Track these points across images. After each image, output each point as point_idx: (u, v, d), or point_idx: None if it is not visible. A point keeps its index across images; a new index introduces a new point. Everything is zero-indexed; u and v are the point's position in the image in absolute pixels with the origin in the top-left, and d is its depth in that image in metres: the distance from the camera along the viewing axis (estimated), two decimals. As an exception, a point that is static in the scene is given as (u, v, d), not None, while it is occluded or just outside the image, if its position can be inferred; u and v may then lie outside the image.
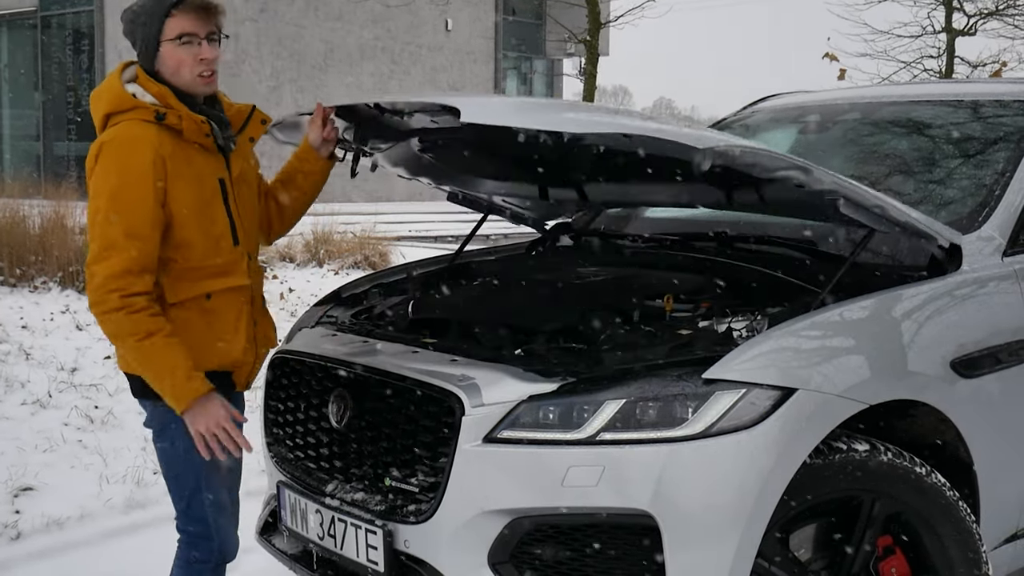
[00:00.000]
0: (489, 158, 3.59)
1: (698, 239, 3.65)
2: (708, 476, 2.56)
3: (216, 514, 2.91)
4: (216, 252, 2.76)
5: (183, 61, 2.68)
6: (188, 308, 2.74)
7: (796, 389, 2.63)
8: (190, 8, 2.67)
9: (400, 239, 14.54)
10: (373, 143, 3.40)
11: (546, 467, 2.61)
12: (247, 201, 2.91)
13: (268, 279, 11.28)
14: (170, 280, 2.72)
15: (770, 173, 2.73)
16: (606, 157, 3.02)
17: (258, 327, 2.94)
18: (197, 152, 2.73)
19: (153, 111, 2.65)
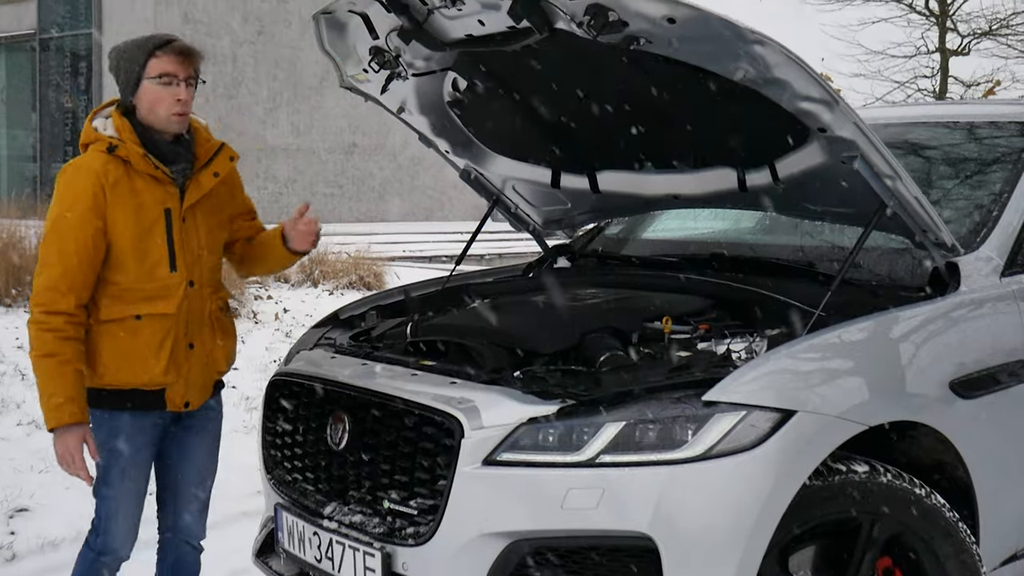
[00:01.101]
0: (514, 117, 3.62)
1: (696, 261, 3.65)
2: (708, 498, 2.55)
3: (110, 518, 3.04)
4: (150, 278, 2.92)
5: (161, 99, 2.88)
6: (119, 326, 2.91)
7: (796, 411, 2.63)
8: (173, 51, 2.88)
9: (395, 259, 14.49)
10: (411, 57, 3.37)
11: (545, 489, 2.61)
12: (201, 231, 3.03)
13: (263, 299, 11.26)
14: (106, 298, 2.91)
15: (797, 103, 2.75)
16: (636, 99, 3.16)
17: (195, 352, 3.02)
18: (146, 182, 2.92)
19: (107, 143, 2.88)
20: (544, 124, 3.71)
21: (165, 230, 2.93)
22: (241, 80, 22.23)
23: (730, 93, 2.93)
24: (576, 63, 3.19)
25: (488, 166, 3.98)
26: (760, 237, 3.96)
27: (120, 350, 2.91)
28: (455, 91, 3.63)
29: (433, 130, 3.83)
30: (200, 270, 3.01)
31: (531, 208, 4.18)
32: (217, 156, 3.05)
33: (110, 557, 3.10)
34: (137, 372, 2.93)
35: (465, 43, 3.18)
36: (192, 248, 2.99)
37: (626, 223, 4.46)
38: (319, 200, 23.59)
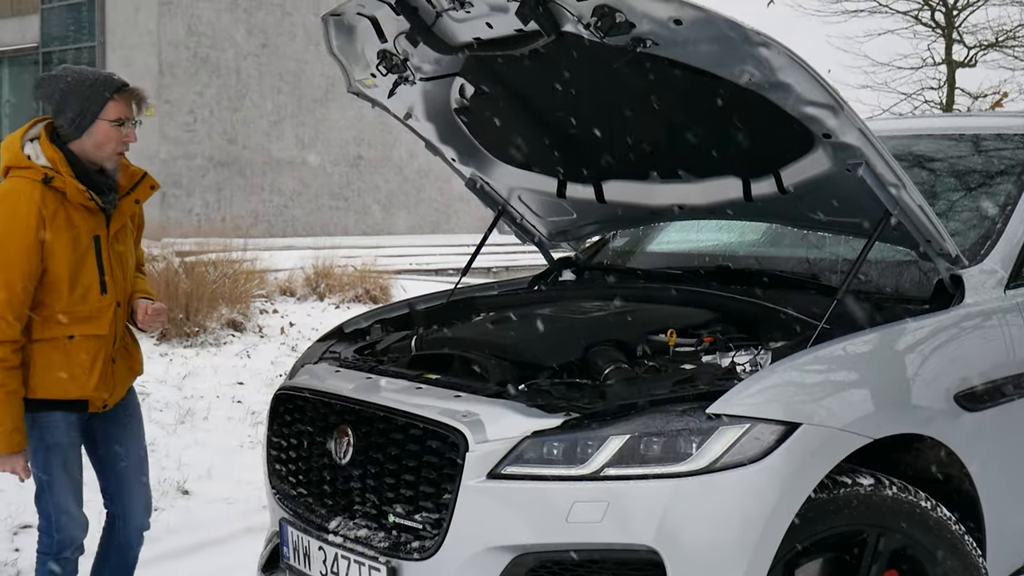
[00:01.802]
0: (521, 124, 3.64)
1: (701, 273, 3.65)
2: (713, 511, 2.55)
3: (60, 513, 3.20)
4: (83, 301, 3.10)
5: (111, 139, 3.08)
6: (51, 344, 3.08)
7: (800, 424, 2.62)
8: (132, 97, 3.11)
9: (401, 272, 14.49)
10: (419, 61, 3.40)
11: (550, 503, 2.61)
12: (123, 255, 3.24)
13: (268, 313, 11.28)
14: (40, 319, 3.06)
15: (802, 107, 2.76)
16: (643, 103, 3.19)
17: (117, 365, 3.26)
18: (78, 212, 3.07)
19: (42, 173, 3.01)
20: (550, 132, 3.72)
21: (95, 257, 3.11)
22: (245, 93, 22.31)
23: (736, 99, 2.94)
24: (583, 70, 3.21)
25: (494, 175, 4.00)
26: (765, 249, 3.96)
27: (53, 368, 3.09)
28: (462, 98, 3.65)
29: (440, 137, 3.85)
30: (123, 291, 3.25)
31: (537, 219, 4.19)
32: (139, 184, 3.26)
33: (71, 549, 3.26)
34: (69, 388, 3.12)
35: (473, 47, 3.20)
36: (119, 272, 3.21)
37: (631, 235, 4.47)
38: (325, 213, 23.67)
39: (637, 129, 3.46)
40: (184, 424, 6.49)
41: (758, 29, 2.60)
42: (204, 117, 21.84)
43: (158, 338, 9.44)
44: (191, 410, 6.77)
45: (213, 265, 10.62)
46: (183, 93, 21.50)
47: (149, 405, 6.83)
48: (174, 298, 9.65)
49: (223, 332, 9.86)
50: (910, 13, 17.00)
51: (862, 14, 16.99)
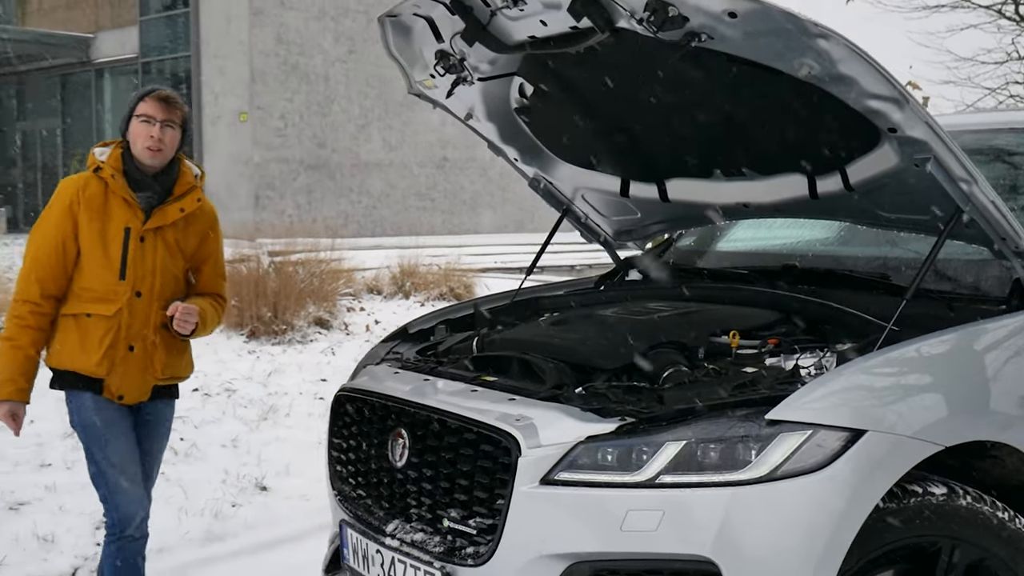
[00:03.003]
0: (581, 123, 3.60)
1: (768, 273, 3.55)
2: (773, 522, 2.46)
3: (112, 492, 3.35)
4: (102, 281, 3.35)
5: (139, 134, 3.39)
6: (74, 320, 3.37)
7: (866, 430, 2.51)
8: (155, 99, 3.42)
9: (485, 270, 14.53)
10: (476, 60, 3.39)
11: (604, 510, 2.54)
12: (159, 253, 3.43)
13: (355, 311, 11.41)
14: (71, 295, 3.38)
15: (865, 101, 2.67)
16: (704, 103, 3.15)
17: (134, 355, 3.38)
18: (117, 201, 3.40)
19: (95, 165, 3.41)
20: (611, 131, 3.67)
21: (122, 244, 3.36)
22: (334, 98, 22.63)
23: (797, 93, 2.86)
24: (641, 66, 3.15)
25: (557, 175, 3.95)
26: (835, 248, 3.83)
27: (69, 340, 3.37)
28: (522, 97, 3.61)
29: (501, 137, 3.82)
30: (151, 285, 3.41)
31: (601, 218, 4.12)
32: (187, 195, 3.49)
33: (132, 526, 3.36)
34: (77, 360, 3.36)
35: (529, 45, 3.17)
36: (147, 265, 3.40)
37: (698, 234, 4.37)
38: (412, 213, 23.89)
39: (698, 126, 3.38)
40: (267, 420, 6.58)
41: (816, 20, 2.50)
42: (294, 122, 22.23)
43: (248, 336, 9.62)
44: (274, 407, 6.87)
45: (301, 264, 10.77)
46: (274, 100, 21.91)
47: (235, 402, 6.97)
48: (263, 297, 9.83)
49: (310, 330, 10.01)
50: (993, 7, 16.39)
51: (943, 9, 16.43)
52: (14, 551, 4.22)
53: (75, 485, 5.01)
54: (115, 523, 3.37)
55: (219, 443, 6.00)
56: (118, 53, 24.89)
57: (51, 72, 26.80)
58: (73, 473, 5.25)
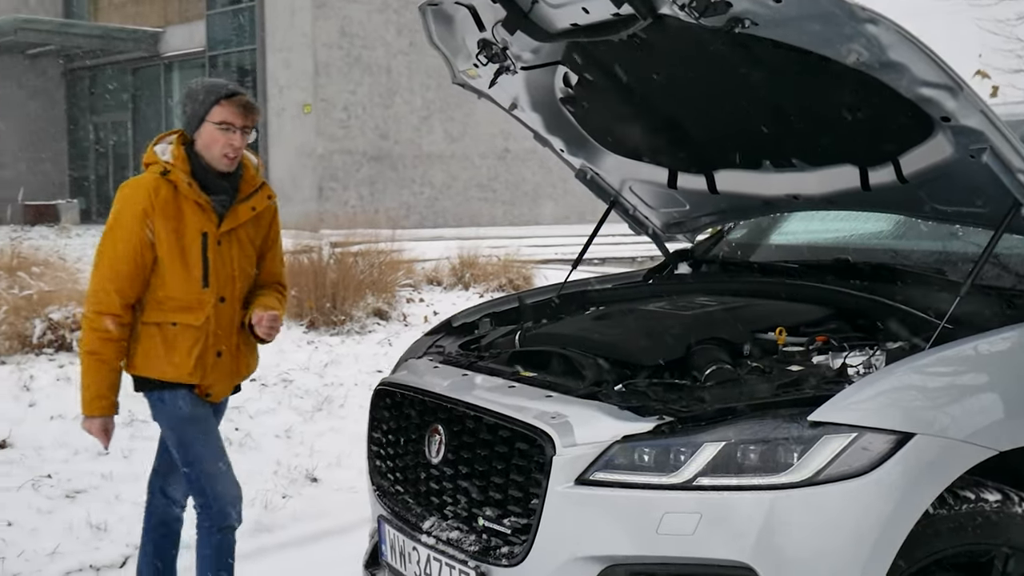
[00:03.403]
0: (627, 113, 3.54)
1: (819, 267, 3.45)
2: (815, 528, 2.37)
3: (213, 481, 3.34)
4: (186, 290, 3.26)
5: (216, 141, 3.24)
6: (157, 329, 3.28)
7: (914, 434, 2.41)
8: (236, 104, 3.25)
9: (546, 262, 14.48)
10: (518, 49, 3.35)
11: (640, 512, 2.48)
12: (235, 256, 3.36)
13: (414, 302, 11.44)
14: (151, 303, 3.27)
15: (916, 89, 2.58)
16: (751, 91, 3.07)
17: (223, 360, 3.36)
18: (190, 206, 3.26)
19: (162, 167, 3.25)
20: (657, 121, 3.60)
21: (201, 250, 3.27)
22: (396, 90, 22.73)
23: (847, 81, 2.76)
24: (686, 54, 3.08)
25: (604, 165, 3.89)
26: (888, 241, 3.71)
27: (154, 349, 3.28)
28: (566, 86, 3.56)
29: (547, 127, 3.77)
30: (232, 289, 3.36)
31: (649, 210, 4.05)
32: (256, 193, 3.40)
33: (232, 516, 3.36)
34: (166, 370, 3.29)
35: (571, 33, 3.12)
36: (227, 269, 3.33)
37: (750, 227, 4.27)
38: (473, 204, 23.91)
39: (746, 116, 3.28)
40: (321, 411, 6.61)
41: (863, 5, 2.40)
42: (357, 114, 22.37)
43: (307, 326, 9.69)
44: (329, 397, 6.88)
45: (361, 256, 10.82)
46: (337, 92, 22.07)
47: (291, 392, 7.01)
48: (322, 288, 9.89)
49: (368, 321, 10.05)
50: (1065, -8, 15.85)
51: (1013, -4, 15.91)
52: (67, 539, 4.27)
53: (131, 475, 5.07)
54: (216, 513, 3.34)
55: (273, 433, 6.03)
56: (186, 47, 25.29)
57: (121, 66, 27.34)
58: (130, 462, 5.31)
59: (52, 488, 4.82)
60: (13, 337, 7.90)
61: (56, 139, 28.77)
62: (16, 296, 8.01)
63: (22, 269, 8.45)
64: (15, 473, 4.99)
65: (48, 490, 4.79)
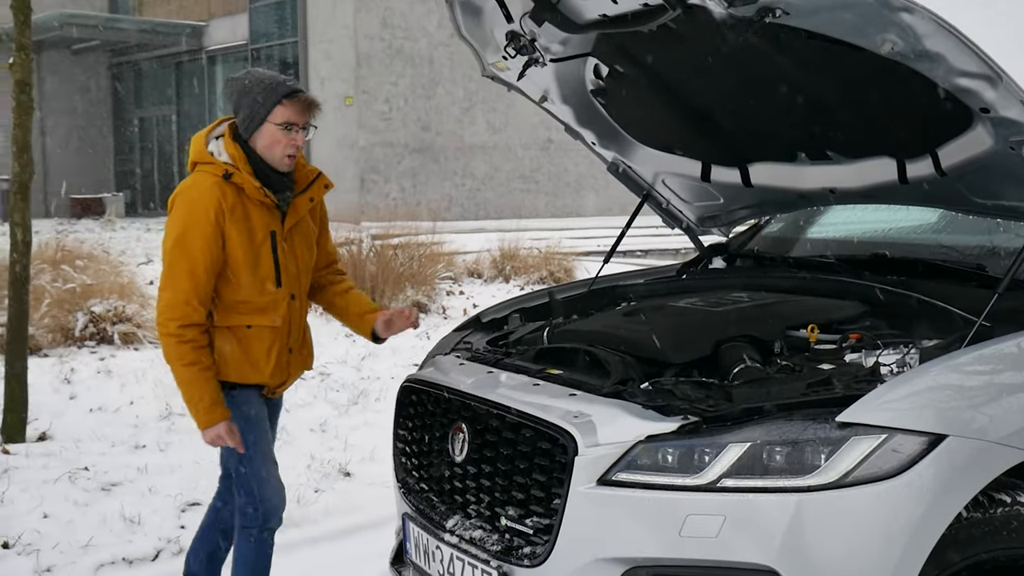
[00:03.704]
0: (659, 105, 3.50)
1: (856, 263, 3.37)
2: (842, 531, 2.32)
3: (262, 484, 3.29)
4: (260, 292, 3.20)
5: (279, 142, 3.14)
6: (232, 332, 3.21)
7: (946, 435, 2.34)
8: (300, 103, 3.14)
9: (587, 254, 14.41)
10: (547, 41, 3.31)
11: (663, 514, 2.43)
12: (298, 251, 3.31)
13: (454, 295, 11.42)
14: (222, 307, 3.19)
15: (954, 79, 2.52)
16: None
17: (293, 355, 3.37)
18: (255, 207, 3.18)
19: (223, 169, 3.13)
20: (690, 113, 3.55)
21: (271, 250, 3.20)
22: (438, 81, 22.71)
23: (882, 72, 2.70)
24: (717, 45, 3.02)
25: (636, 159, 3.85)
26: (927, 235, 3.62)
27: (231, 353, 3.21)
28: (597, 78, 3.52)
29: (578, 120, 3.74)
30: (299, 286, 3.32)
31: (683, 204, 3.99)
32: (314, 184, 3.32)
33: (276, 518, 3.34)
34: (246, 373, 3.24)
35: (600, 24, 3.07)
36: (294, 266, 3.28)
37: (787, 221, 4.19)
38: (516, 196, 23.86)
39: (780, 108, 3.22)
40: (356, 405, 6.61)
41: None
42: (399, 106, 22.39)
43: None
44: (365, 391, 6.89)
45: (401, 248, 10.82)
46: (379, 83, 22.10)
47: (327, 386, 7.02)
48: (361, 280, 9.90)
49: (408, 313, 10.02)
50: None
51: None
52: (101, 532, 4.30)
53: (166, 467, 5.11)
54: (261, 515, 3.30)
55: (308, 427, 6.04)
56: (229, 40, 25.47)
57: (166, 60, 27.59)
58: (166, 455, 5.36)
59: (89, 480, 4.86)
60: (56, 330, 8.01)
61: (102, 133, 29.13)
62: (59, 289, 8.11)
63: (66, 262, 8.54)
64: (53, 465, 5.04)
65: (85, 482, 4.83)
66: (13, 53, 5.40)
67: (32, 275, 7.76)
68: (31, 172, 5.45)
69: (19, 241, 5.43)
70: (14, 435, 5.45)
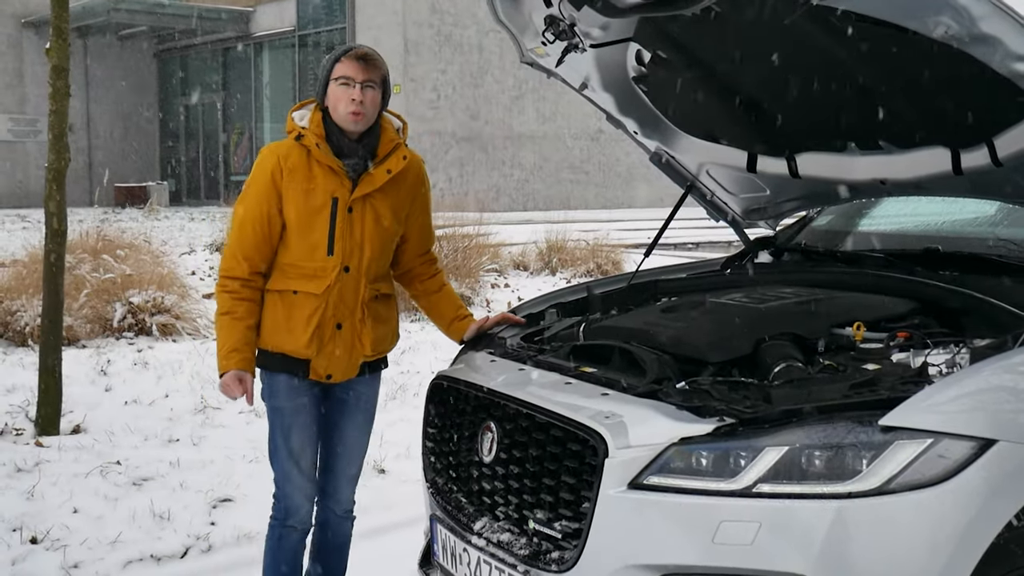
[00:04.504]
0: (703, 93, 3.41)
1: (907, 257, 3.23)
2: (884, 541, 2.20)
3: (283, 479, 3.26)
4: (310, 257, 3.15)
5: (339, 98, 3.14)
6: (280, 296, 3.19)
7: (996, 440, 2.22)
8: (352, 58, 3.16)
9: (636, 246, 14.23)
10: (586, 26, 3.22)
11: (696, 520, 2.33)
12: (367, 223, 3.20)
13: (500, 287, 11.34)
14: (276, 271, 3.20)
15: (1011, 64, 2.40)
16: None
17: (343, 333, 3.20)
18: (324, 170, 3.16)
19: (297, 132, 3.18)
20: (735, 100, 3.43)
21: (329, 216, 3.15)
22: (487, 69, 22.61)
23: (936, 57, 2.56)
24: (764, 29, 2.91)
25: (680, 148, 3.73)
26: (983, 229, 3.47)
27: (276, 318, 3.19)
28: (639, 65, 3.41)
29: (619, 108, 3.64)
30: (360, 259, 3.19)
31: (728, 196, 3.86)
32: (391, 154, 3.23)
33: (294, 519, 3.29)
34: (284, 340, 3.18)
35: (641, 8, 2.94)
36: (355, 237, 3.18)
37: (836, 213, 4.04)
38: (565, 187, 23.72)
39: (829, 96, 3.09)
40: (395, 400, 6.54)
41: None
42: (447, 94, 22.32)
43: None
44: (404, 386, 6.82)
45: (445, 240, 10.75)
46: (427, 71, 22.05)
47: (367, 380, 6.95)
48: (402, 272, 9.82)
49: (450, 306, 9.95)
50: None
51: None
52: (130, 528, 4.26)
53: (198, 462, 5.07)
54: (281, 510, 3.30)
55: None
56: (276, 26, 25.52)
57: (212, 47, 27.73)
58: (199, 450, 5.32)
59: (120, 475, 4.82)
60: (94, 320, 8.03)
61: (148, 120, 29.38)
62: (99, 279, 8.13)
63: (107, 252, 8.55)
64: (85, 459, 5.01)
65: (116, 477, 4.79)
66: (50, 38, 5.37)
67: (72, 265, 7.83)
68: (67, 159, 5.38)
69: (54, 230, 5.37)
70: (48, 428, 5.43)
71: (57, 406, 5.52)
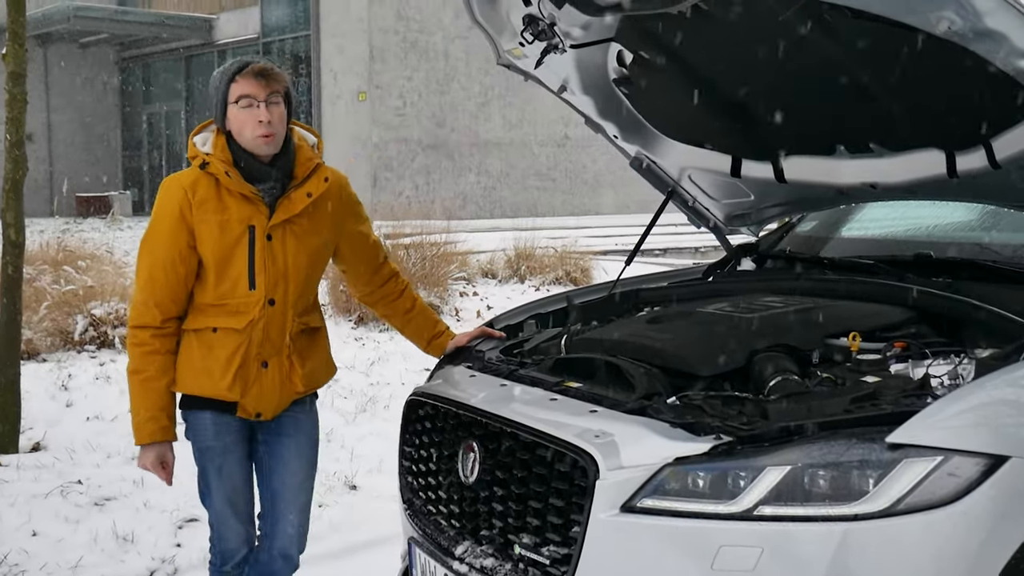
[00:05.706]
0: (687, 95, 3.30)
1: (898, 264, 3.14)
2: (892, 563, 2.11)
3: (218, 522, 3.06)
4: (230, 293, 2.90)
5: (244, 122, 2.87)
6: (197, 336, 2.93)
7: (1009, 457, 2.13)
8: (250, 75, 2.88)
9: (605, 253, 14.16)
10: (567, 25, 3.11)
11: (693, 545, 2.23)
12: (289, 251, 2.95)
13: (468, 296, 11.21)
14: (192, 310, 2.94)
15: (1015, 61, 2.32)
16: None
17: (270, 371, 2.96)
18: (236, 199, 2.90)
19: (202, 159, 2.91)
20: (720, 104, 3.33)
21: (247, 248, 2.89)
22: (453, 76, 22.48)
23: (934, 54, 2.48)
24: (751, 27, 2.83)
25: (661, 153, 3.64)
26: (978, 234, 3.39)
27: (193, 361, 2.93)
28: (621, 66, 3.31)
29: (599, 112, 3.54)
30: (285, 290, 2.94)
31: (711, 201, 3.77)
32: (311, 176, 2.99)
33: (231, 563, 3.09)
34: (203, 383, 2.93)
35: (622, 6, 2.85)
36: (278, 267, 2.93)
37: (821, 219, 3.96)
38: (532, 194, 23.64)
39: (819, 96, 3.00)
40: (364, 413, 6.40)
41: None
42: (413, 101, 22.16)
43: (355, 322, 9.50)
44: (373, 398, 6.68)
45: (413, 248, 10.63)
46: (393, 78, 21.89)
47: (334, 392, 6.80)
48: (370, 282, 9.68)
49: (419, 316, 9.82)
50: None
51: None
52: (91, 551, 4.10)
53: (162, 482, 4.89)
54: (218, 554, 3.09)
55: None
56: (240, 34, 25.27)
57: (175, 54, 27.41)
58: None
59: (81, 495, 4.64)
60: (55, 333, 7.81)
61: (110, 129, 28.97)
62: (60, 291, 7.92)
63: (68, 263, 8.34)
64: (45, 478, 4.83)
65: (77, 497, 4.62)
66: (6, 43, 5.19)
67: (32, 276, 7.61)
68: (25, 169, 5.21)
69: (12, 242, 5.20)
70: (6, 446, 5.24)
71: (16, 423, 5.33)
